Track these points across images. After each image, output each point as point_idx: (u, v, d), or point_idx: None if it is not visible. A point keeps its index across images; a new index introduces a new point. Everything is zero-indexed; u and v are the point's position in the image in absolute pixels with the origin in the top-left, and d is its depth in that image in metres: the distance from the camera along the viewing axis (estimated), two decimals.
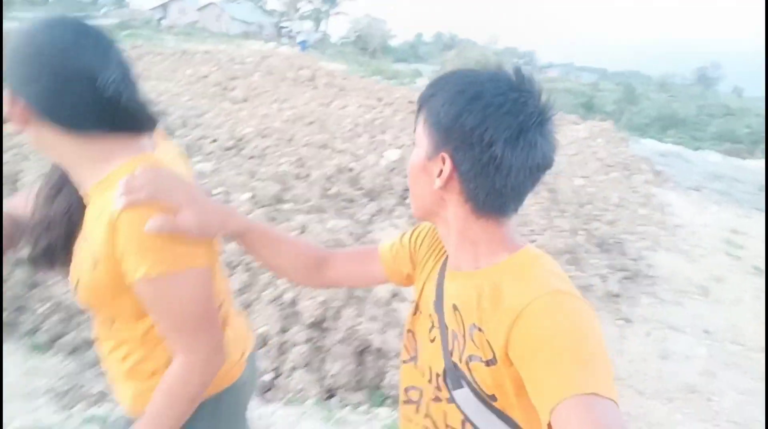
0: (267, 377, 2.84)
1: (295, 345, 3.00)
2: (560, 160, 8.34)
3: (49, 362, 2.84)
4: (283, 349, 2.99)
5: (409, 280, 1.08)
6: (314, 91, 12.05)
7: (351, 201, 5.67)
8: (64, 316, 3.05)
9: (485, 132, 0.78)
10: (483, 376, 0.81)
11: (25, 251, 1.04)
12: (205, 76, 12.45)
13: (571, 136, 10.19)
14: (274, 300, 3.21)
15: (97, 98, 0.87)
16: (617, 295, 5.53)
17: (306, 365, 2.89)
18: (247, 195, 4.57)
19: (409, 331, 1.00)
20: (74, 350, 2.90)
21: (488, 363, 0.80)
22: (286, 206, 4.49)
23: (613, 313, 5.30)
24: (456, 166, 0.81)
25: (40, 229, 1.01)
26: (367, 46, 52.95)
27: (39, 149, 0.94)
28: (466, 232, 0.86)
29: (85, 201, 0.97)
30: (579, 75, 75.11)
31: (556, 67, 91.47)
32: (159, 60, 14.60)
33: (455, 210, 0.85)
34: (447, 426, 0.89)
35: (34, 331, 3.00)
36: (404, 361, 0.99)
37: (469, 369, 0.83)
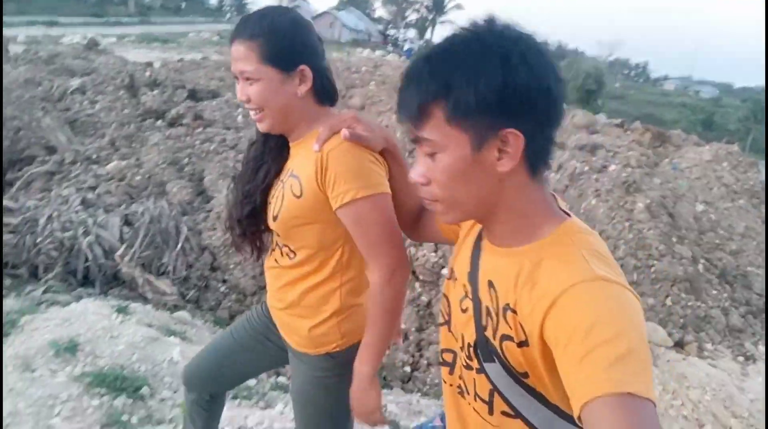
0: (407, 369, 3.22)
1: (430, 344, 3.36)
2: (681, 183, 8.04)
3: None
4: (420, 346, 3.36)
5: None
6: None
7: None
8: (240, 296, 3.64)
9: (539, 83, 0.73)
10: (515, 356, 0.79)
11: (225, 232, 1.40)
12: None
13: (693, 158, 9.73)
14: (412, 301, 3.60)
15: (329, 73, 1.19)
16: (740, 331, 5.35)
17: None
18: None
19: (444, 295, 0.99)
20: None
21: (520, 344, 0.78)
22: None
23: (735, 349, 5.14)
24: (530, 134, 0.74)
25: (244, 200, 1.25)
26: None
27: (280, 111, 1.15)
28: (518, 203, 0.80)
29: (292, 157, 1.22)
30: (698, 89, 69.49)
31: (673, 80, 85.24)
32: None
33: (515, 185, 0.79)
34: (477, 393, 0.89)
35: (215, 308, 3.61)
36: (440, 324, 1.00)
37: (501, 347, 0.81)
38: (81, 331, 2.58)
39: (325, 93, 1.18)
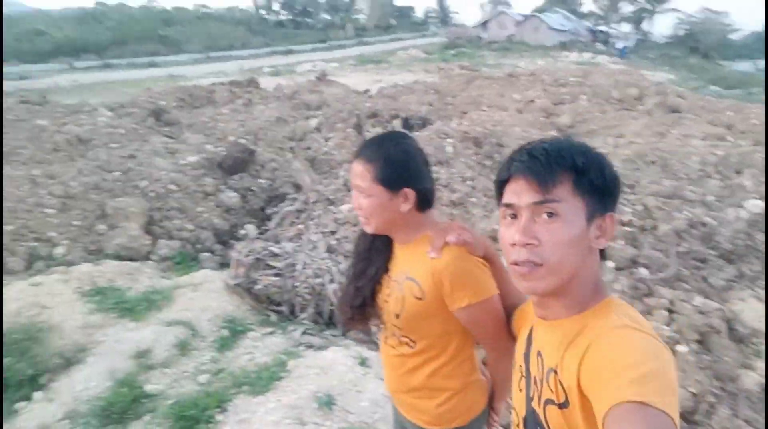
0: None
1: None
2: None
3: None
4: None
5: None
6: (646, 117, 11.28)
7: (703, 261, 5.26)
8: None
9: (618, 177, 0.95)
10: (556, 420, 0.86)
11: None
12: (532, 101, 12.95)
13: None
14: None
15: (431, 188, 1.36)
16: None
17: None
18: None
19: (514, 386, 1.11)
20: None
21: (561, 406, 0.85)
22: (642, 271, 4.49)
23: None
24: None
25: (355, 294, 1.43)
26: (698, 46, 45.99)
27: (386, 223, 1.34)
28: (589, 277, 0.92)
29: (398, 257, 1.39)
30: None
31: None
32: (487, 84, 15.81)
33: (593, 261, 0.93)
34: None
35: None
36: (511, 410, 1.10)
37: (544, 413, 0.89)
38: (334, 383, 3.01)
39: (425, 204, 1.36)
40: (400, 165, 1.30)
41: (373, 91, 14.61)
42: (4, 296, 3.95)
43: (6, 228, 4.73)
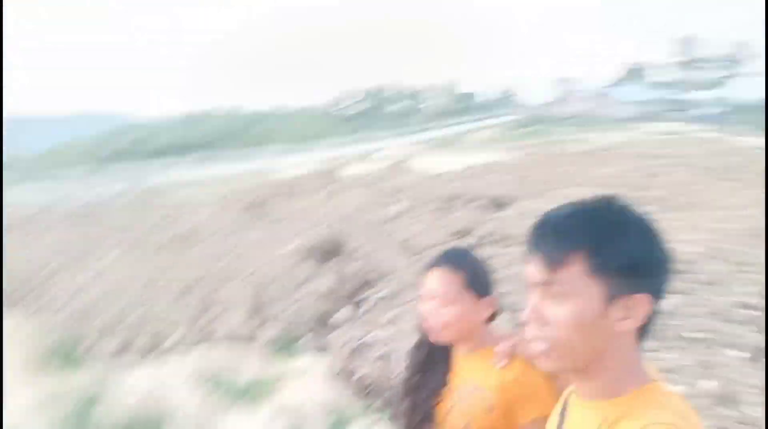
0: None
1: None
2: None
3: None
4: None
5: None
6: (752, 188, 10.57)
7: None
8: None
9: (665, 257, 0.83)
10: None
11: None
12: (618, 177, 12.59)
13: None
14: None
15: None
16: None
17: None
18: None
19: None
20: None
21: None
22: None
23: None
24: (654, 299, 0.82)
25: (415, 406, 1.39)
26: None
27: (464, 331, 1.33)
28: (618, 361, 0.84)
29: (460, 368, 1.36)
30: None
31: None
32: (569, 161, 15.56)
33: (622, 344, 0.84)
34: None
35: None
36: None
37: None
38: None
39: (495, 314, 1.38)
40: (485, 272, 1.36)
41: (452, 174, 14.93)
42: (129, 381, 4.24)
43: (135, 312, 5.18)
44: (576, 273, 0.81)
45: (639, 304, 0.81)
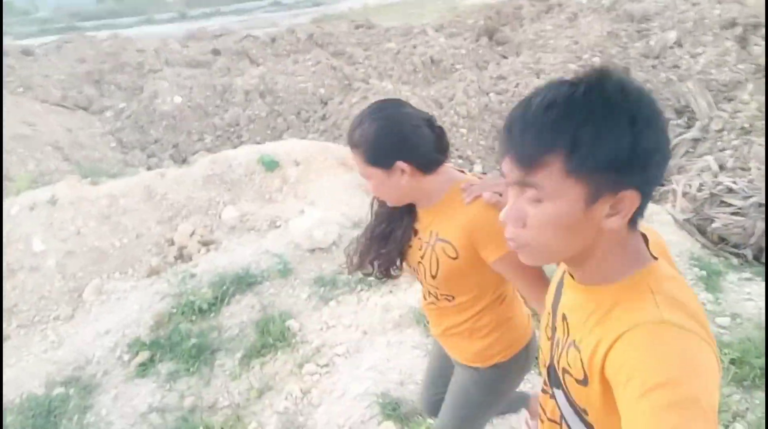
0: None
1: None
2: None
3: None
4: None
5: None
6: None
7: None
8: None
9: (659, 147, 0.73)
10: (575, 391, 0.83)
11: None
12: None
13: None
14: None
15: (439, 143, 1.29)
16: None
17: None
18: None
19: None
20: None
21: (579, 382, 0.81)
22: None
23: None
24: (642, 194, 0.74)
25: (382, 257, 1.44)
26: None
27: (398, 197, 1.33)
28: (609, 252, 0.80)
29: (424, 218, 1.37)
30: None
31: None
32: None
33: (612, 237, 0.78)
34: (551, 415, 0.96)
35: None
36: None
37: (563, 377, 0.85)
38: None
39: (428, 167, 1.29)
40: (382, 142, 1.25)
41: None
42: None
43: None
44: (553, 173, 0.72)
45: (626, 200, 0.74)
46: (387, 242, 1.43)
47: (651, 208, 4.50)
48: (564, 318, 0.88)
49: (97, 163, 5.77)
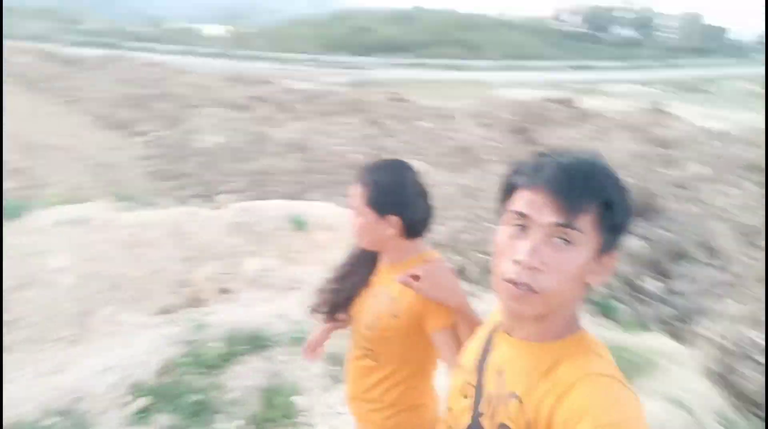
0: None
1: None
2: None
3: None
4: None
5: None
6: None
7: None
8: None
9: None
10: None
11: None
12: None
13: None
14: None
15: (428, 217, 1.41)
16: None
17: None
18: None
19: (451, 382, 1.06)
20: None
21: None
22: None
23: None
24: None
25: (334, 299, 1.52)
26: None
27: (373, 243, 1.41)
28: (577, 303, 0.86)
29: (381, 274, 1.46)
30: None
31: None
32: None
33: (580, 295, 0.85)
34: None
35: None
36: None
37: None
38: None
39: (412, 232, 1.40)
40: (390, 191, 1.36)
41: (730, 135, 12.73)
42: None
43: (462, 237, 5.28)
44: (588, 223, 0.78)
45: (614, 261, 0.83)
46: (343, 281, 1.54)
47: (676, 347, 4.43)
48: (500, 373, 0.90)
49: (126, 185, 5.84)
